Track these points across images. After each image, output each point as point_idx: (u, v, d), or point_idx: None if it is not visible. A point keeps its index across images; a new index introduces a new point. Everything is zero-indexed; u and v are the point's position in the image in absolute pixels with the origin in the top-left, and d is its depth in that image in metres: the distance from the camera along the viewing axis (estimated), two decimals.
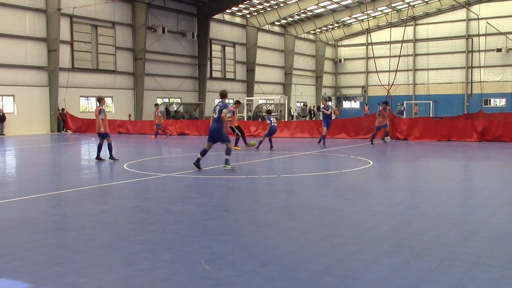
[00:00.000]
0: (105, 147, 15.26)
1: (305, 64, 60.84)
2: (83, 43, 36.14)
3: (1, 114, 31.42)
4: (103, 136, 14.99)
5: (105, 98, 19.10)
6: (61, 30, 33.53)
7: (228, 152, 12.24)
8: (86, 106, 37.70)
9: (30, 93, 32.73)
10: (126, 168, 13.21)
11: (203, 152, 12.37)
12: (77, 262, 5.14)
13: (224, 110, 12.13)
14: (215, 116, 12.24)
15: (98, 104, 15.18)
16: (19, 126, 32.12)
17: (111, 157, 15.03)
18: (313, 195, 9.19)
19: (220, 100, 12.52)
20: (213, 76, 47.56)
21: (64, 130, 34.27)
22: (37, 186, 10.48)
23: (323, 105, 20.65)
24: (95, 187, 10.34)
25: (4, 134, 31.13)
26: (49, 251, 5.60)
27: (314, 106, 58.47)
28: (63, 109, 34.24)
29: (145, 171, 12.60)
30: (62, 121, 34.22)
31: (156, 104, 27.60)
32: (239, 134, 19.05)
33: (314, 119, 52.36)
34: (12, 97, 32.41)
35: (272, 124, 18.48)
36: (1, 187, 10.48)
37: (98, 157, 15.11)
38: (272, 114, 19.94)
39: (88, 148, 21.56)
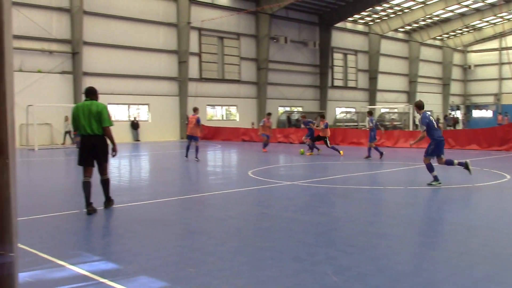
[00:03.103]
0: (193, 149, 18.80)
1: (431, 71, 58.29)
2: (210, 54, 37.95)
3: (135, 121, 34.02)
4: (197, 139, 18.63)
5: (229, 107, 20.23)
6: (190, 43, 35.53)
7: (430, 168, 11.41)
8: (212, 115, 39.47)
9: (163, 102, 35.07)
10: (250, 175, 13.61)
11: (430, 168, 11.48)
12: (208, 265, 5.35)
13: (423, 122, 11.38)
14: (422, 130, 11.42)
15: (194, 113, 18.62)
16: (152, 133, 34.52)
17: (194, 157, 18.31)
18: (439, 209, 8.73)
19: (424, 111, 11.55)
20: (334, 84, 47.34)
21: None
22: (170, 190, 11.24)
23: None
24: (221, 193, 10.75)
25: (139, 140, 33.64)
26: (182, 252, 5.90)
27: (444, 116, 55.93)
28: None
29: (269, 178, 12.86)
30: None
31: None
32: (320, 142, 20.68)
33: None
34: (147, 105, 34.95)
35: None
36: (140, 190, 11.35)
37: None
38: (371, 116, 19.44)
39: (214, 155, 22.50)
